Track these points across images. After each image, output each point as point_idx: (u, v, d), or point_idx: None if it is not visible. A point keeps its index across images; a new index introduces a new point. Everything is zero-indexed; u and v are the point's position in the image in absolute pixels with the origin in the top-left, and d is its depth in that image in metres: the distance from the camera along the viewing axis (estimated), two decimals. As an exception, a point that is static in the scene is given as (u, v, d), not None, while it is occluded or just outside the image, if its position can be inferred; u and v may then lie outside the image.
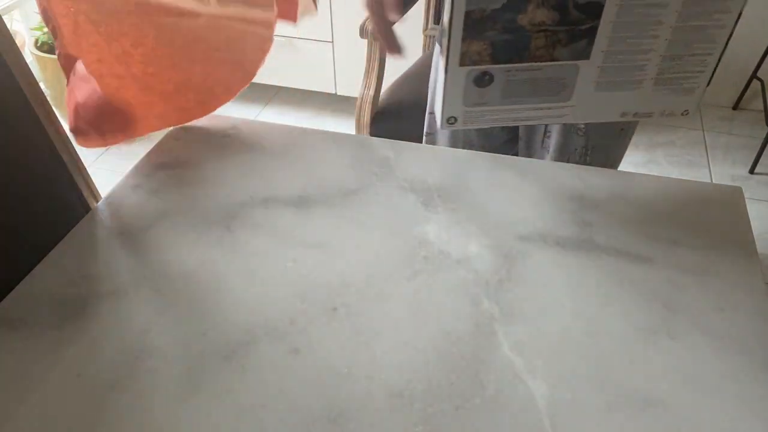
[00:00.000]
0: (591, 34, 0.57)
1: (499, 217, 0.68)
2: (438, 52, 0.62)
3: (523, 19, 0.55)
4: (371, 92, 1.31)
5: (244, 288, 0.60)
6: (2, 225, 0.61)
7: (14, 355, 0.53)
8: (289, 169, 0.75)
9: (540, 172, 0.75)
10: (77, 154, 0.71)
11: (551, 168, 0.76)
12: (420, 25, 1.72)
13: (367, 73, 1.33)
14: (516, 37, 0.56)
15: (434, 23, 1.70)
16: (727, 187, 0.72)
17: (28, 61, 0.78)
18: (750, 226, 0.67)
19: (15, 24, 2.13)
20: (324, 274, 0.61)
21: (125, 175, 0.74)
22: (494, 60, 0.58)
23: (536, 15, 0.55)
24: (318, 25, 2.01)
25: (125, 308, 0.57)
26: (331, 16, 1.97)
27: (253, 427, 0.48)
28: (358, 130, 1.34)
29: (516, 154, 0.99)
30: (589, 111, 0.65)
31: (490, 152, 0.79)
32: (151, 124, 0.79)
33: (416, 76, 1.44)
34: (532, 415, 0.49)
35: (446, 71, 0.58)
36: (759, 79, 2.05)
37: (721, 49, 0.61)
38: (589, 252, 0.64)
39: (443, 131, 1.00)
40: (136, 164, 0.76)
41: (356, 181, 0.73)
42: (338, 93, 2.16)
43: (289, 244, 0.65)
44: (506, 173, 0.75)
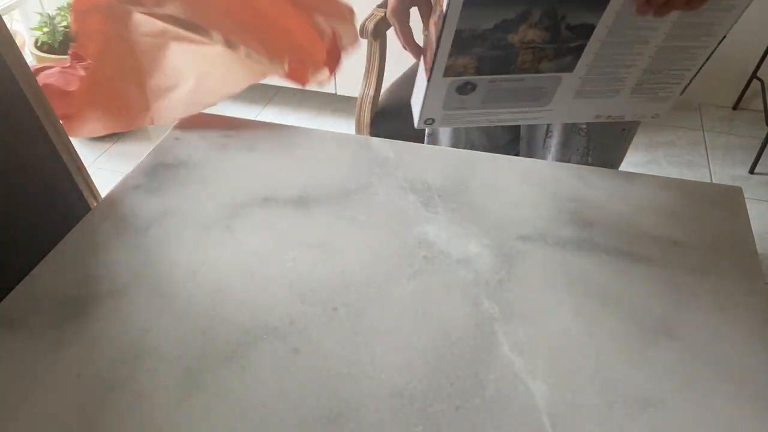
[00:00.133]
0: (578, 50, 0.57)
1: (499, 217, 0.68)
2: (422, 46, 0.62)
3: (514, 38, 0.54)
4: (371, 92, 1.31)
5: (244, 288, 0.60)
6: (2, 225, 0.61)
7: (14, 355, 0.53)
8: (289, 169, 0.75)
9: (540, 172, 0.75)
10: (77, 154, 0.71)
11: (551, 168, 0.76)
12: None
13: (367, 73, 1.33)
14: (504, 53, 0.55)
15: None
16: (727, 187, 0.72)
17: (28, 61, 0.78)
18: (750, 226, 0.67)
19: (15, 24, 2.13)
20: (324, 274, 0.61)
21: (125, 175, 0.74)
22: (479, 72, 0.57)
23: (527, 34, 0.54)
24: (318, 25, 2.01)
25: (125, 308, 0.57)
26: (331, 16, 1.97)
27: (252, 427, 0.48)
28: (358, 130, 1.33)
29: (517, 154, 0.99)
30: (564, 114, 0.65)
31: (492, 152, 0.79)
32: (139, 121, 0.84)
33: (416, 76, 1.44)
34: (532, 415, 0.49)
35: (429, 80, 0.57)
36: (759, 79, 2.05)
37: (700, 65, 0.61)
38: (589, 252, 0.64)
39: (444, 131, 1.00)
40: (137, 164, 0.76)
41: (356, 181, 0.73)
42: (338, 93, 2.16)
43: (289, 244, 0.64)
44: (506, 173, 0.75)
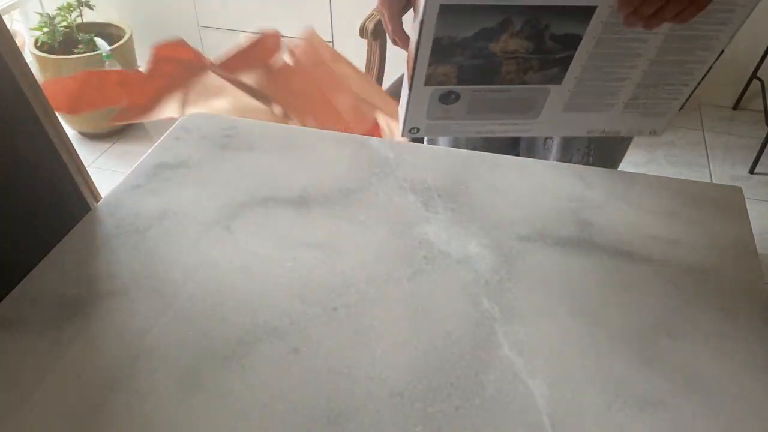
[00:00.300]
0: (565, 62, 0.55)
1: (499, 217, 0.68)
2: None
3: (495, 47, 0.53)
4: (371, 92, 1.31)
5: (244, 288, 0.60)
6: (2, 225, 0.61)
7: (14, 355, 0.53)
8: (289, 169, 0.75)
9: (540, 172, 0.75)
10: (77, 154, 0.71)
11: (551, 168, 0.76)
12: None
13: (367, 73, 1.33)
14: (486, 62, 0.54)
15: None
16: (727, 187, 0.72)
17: (28, 61, 0.78)
18: (750, 226, 0.67)
19: (15, 24, 2.13)
20: (324, 274, 0.61)
21: (125, 175, 0.74)
22: (461, 81, 0.56)
23: (509, 44, 0.52)
24: (318, 26, 2.01)
25: (125, 308, 0.57)
26: (331, 16, 1.97)
27: (253, 427, 0.48)
28: (358, 130, 1.33)
29: (518, 155, 0.99)
30: (555, 127, 0.63)
31: (493, 152, 0.78)
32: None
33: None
34: (532, 415, 0.49)
35: (410, 88, 0.56)
36: (759, 79, 2.05)
37: (698, 81, 0.59)
38: (589, 252, 0.64)
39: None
40: (137, 164, 0.76)
41: (356, 181, 0.73)
42: (338, 93, 2.16)
43: (289, 244, 0.64)
44: (506, 173, 0.75)
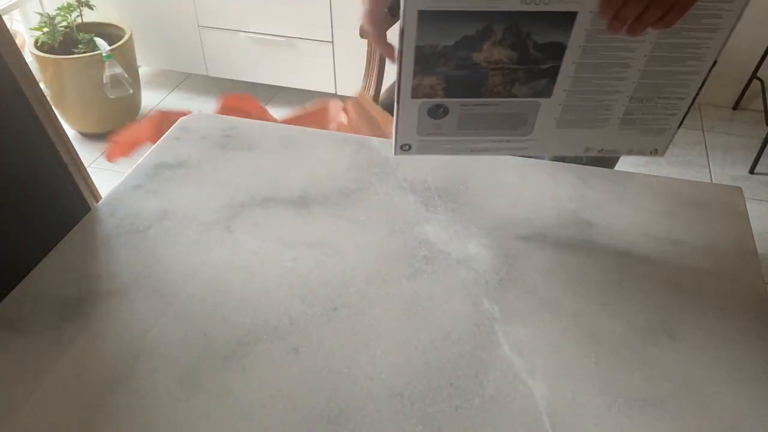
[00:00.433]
0: (552, 73, 0.55)
1: (499, 217, 0.68)
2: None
3: (479, 57, 0.52)
4: (371, 92, 1.31)
5: (244, 288, 0.60)
6: (2, 225, 0.61)
7: (14, 355, 0.53)
8: (289, 169, 0.75)
9: (540, 172, 0.75)
10: (77, 154, 0.71)
11: (551, 168, 0.76)
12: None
13: (367, 73, 1.33)
14: (471, 74, 0.54)
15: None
16: (727, 187, 0.72)
17: (28, 61, 0.78)
18: (750, 226, 0.67)
19: (15, 24, 2.13)
20: (324, 274, 0.61)
21: (125, 175, 0.74)
22: (448, 94, 0.55)
23: (492, 53, 0.52)
24: (318, 25, 2.01)
25: (125, 308, 0.57)
26: (331, 16, 1.97)
27: (253, 427, 0.48)
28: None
29: (516, 154, 0.98)
30: (551, 145, 0.62)
31: None
32: None
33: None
34: (532, 415, 0.49)
35: (397, 102, 0.56)
36: (759, 79, 2.05)
37: (694, 93, 0.58)
38: (589, 252, 0.64)
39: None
40: (136, 164, 0.76)
41: (356, 181, 0.73)
42: (338, 93, 2.16)
43: (289, 244, 0.64)
44: (506, 173, 0.75)
